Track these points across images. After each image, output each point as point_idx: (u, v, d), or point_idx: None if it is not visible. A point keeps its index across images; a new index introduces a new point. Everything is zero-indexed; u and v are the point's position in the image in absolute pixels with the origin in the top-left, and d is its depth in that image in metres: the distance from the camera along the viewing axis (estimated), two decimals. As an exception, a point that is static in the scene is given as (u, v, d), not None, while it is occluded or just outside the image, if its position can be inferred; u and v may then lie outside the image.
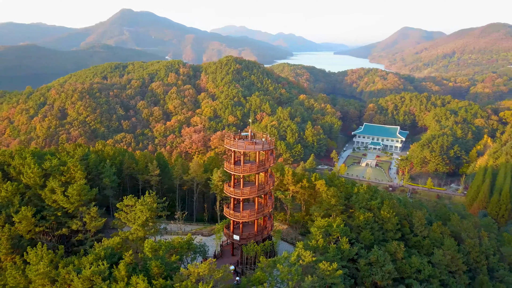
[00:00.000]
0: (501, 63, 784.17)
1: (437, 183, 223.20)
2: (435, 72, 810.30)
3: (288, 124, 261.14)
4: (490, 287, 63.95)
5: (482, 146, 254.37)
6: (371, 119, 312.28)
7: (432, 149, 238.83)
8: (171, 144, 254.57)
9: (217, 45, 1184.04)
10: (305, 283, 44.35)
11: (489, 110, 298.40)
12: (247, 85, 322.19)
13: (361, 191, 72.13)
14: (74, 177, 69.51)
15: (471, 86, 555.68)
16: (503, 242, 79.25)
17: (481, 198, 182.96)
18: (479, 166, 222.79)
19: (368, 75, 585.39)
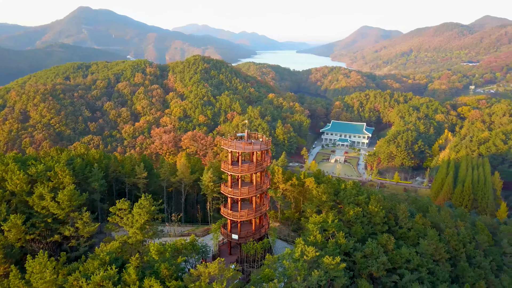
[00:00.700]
0: (454, 60, 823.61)
1: (403, 177, 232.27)
2: (395, 70, 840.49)
3: (259, 123, 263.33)
4: (470, 272, 68.50)
5: (444, 140, 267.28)
6: (338, 116, 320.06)
7: (398, 144, 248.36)
8: (141, 146, 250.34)
9: (180, 44, 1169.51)
10: (312, 277, 46.12)
11: (448, 106, 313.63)
12: (216, 84, 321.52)
13: (348, 187, 74.97)
14: (62, 182, 67.91)
15: (429, 83, 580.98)
16: (477, 230, 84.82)
17: (445, 189, 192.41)
18: (442, 159, 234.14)
19: (331, 73, 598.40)
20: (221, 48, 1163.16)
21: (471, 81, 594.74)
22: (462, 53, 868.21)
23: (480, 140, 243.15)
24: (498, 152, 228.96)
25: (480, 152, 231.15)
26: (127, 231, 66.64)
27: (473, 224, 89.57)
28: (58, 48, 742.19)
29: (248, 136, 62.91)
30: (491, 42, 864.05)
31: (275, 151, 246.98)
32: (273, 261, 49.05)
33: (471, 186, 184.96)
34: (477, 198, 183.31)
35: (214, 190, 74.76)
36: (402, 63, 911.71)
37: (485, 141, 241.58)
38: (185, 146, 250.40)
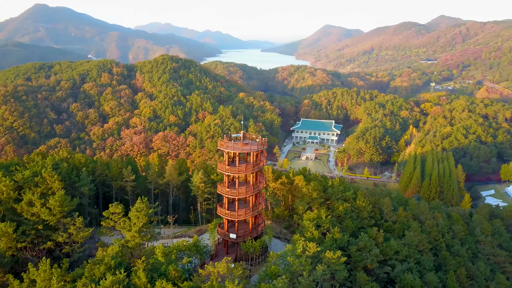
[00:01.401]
0: (413, 58, 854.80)
1: (372, 172, 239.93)
2: (358, 68, 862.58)
3: (231, 122, 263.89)
4: (451, 260, 72.84)
5: (409, 136, 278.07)
6: (307, 114, 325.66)
7: (366, 140, 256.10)
8: (111, 148, 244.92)
9: (144, 43, 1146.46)
10: (317, 271, 47.97)
11: (412, 102, 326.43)
12: (185, 84, 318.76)
13: (336, 184, 77.58)
14: (51, 187, 66.36)
15: (391, 81, 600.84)
16: (453, 221, 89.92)
17: (414, 183, 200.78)
18: (408, 154, 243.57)
19: (298, 72, 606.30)
20: (185, 47, 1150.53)
21: (430, 78, 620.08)
22: (421, 51, 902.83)
23: (443, 135, 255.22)
24: (460, 146, 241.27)
25: (444, 147, 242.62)
26: (120, 236, 66.27)
27: (448, 215, 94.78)
28: (13, 47, 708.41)
29: (243, 137, 63.89)
30: (447, 41, 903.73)
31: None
32: (277, 258, 50.47)
33: (438, 179, 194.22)
34: (443, 191, 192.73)
35: (205, 191, 75.16)
36: (365, 61, 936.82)
37: (447, 136, 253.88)
38: (156, 147, 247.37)
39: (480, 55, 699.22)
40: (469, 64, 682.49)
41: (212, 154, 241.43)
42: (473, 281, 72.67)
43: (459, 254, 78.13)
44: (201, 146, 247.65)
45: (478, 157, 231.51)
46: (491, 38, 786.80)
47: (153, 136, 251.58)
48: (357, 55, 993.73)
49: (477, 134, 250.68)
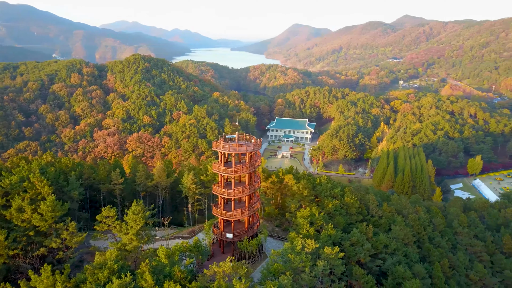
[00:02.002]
0: (381, 57, 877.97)
1: (347, 169, 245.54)
2: (327, 66, 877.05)
3: (207, 122, 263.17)
4: (435, 252, 76.50)
5: (380, 133, 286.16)
6: (281, 113, 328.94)
7: (340, 138, 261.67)
8: (84, 150, 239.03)
9: (111, 42, 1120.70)
10: (318, 267, 49.61)
11: (382, 100, 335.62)
12: (158, 83, 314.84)
13: (323, 181, 79.70)
14: (40, 193, 64.88)
15: (360, 79, 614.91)
16: (433, 214, 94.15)
17: (388, 178, 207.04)
18: (381, 150, 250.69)
19: (269, 71, 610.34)
20: (154, 46, 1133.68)
21: (397, 77, 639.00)
22: (387, 50, 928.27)
23: (413, 131, 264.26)
24: (429, 142, 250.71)
25: (414, 143, 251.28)
26: (114, 239, 65.74)
27: (427, 209, 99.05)
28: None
29: (237, 138, 64.72)
30: (412, 40, 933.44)
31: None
32: (278, 255, 51.75)
33: (410, 174, 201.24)
34: (416, 185, 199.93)
35: (196, 192, 75.40)
36: (334, 59, 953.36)
37: (417, 132, 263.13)
38: (131, 149, 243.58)
39: (443, 54, 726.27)
40: (433, 63, 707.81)
41: (189, 155, 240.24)
42: (454, 271, 76.56)
43: (440, 245, 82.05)
44: (177, 146, 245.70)
45: (446, 152, 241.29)
46: (453, 37, 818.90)
47: (127, 137, 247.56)
48: (326, 54, 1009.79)
49: (445, 130, 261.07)
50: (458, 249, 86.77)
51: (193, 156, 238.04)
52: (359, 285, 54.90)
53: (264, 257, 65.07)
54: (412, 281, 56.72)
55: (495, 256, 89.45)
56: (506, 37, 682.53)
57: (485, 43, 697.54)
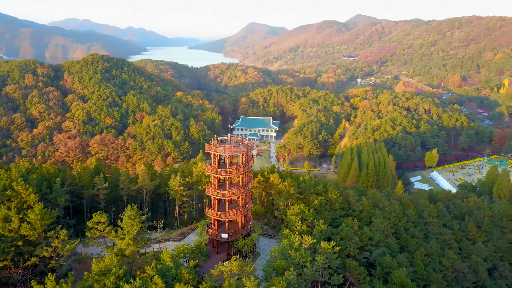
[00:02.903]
0: (336, 55, 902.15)
1: (312, 165, 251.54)
2: (285, 65, 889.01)
3: (171, 122, 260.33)
4: (412, 242, 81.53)
5: (342, 129, 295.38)
6: (245, 112, 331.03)
7: (304, 135, 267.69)
8: (43, 154, 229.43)
9: (61, 40, 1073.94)
10: (318, 262, 52.01)
11: (342, 97, 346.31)
12: (119, 84, 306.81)
13: (307, 179, 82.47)
14: (26, 201, 62.84)
15: (318, 77, 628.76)
16: (405, 206, 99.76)
17: (352, 173, 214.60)
18: (344, 146, 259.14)
19: (229, 69, 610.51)
20: (108, 45, 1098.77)
21: (353, 74, 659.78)
22: (342, 48, 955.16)
23: (373, 127, 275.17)
24: (389, 137, 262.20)
25: (375, 138, 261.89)
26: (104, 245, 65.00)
27: (400, 201, 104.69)
28: None
29: (229, 139, 65.79)
30: (365, 38, 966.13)
31: (191, 150, 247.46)
32: (278, 253, 53.65)
33: (374, 169, 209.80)
34: (379, 179, 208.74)
35: (183, 194, 75.58)
36: (291, 58, 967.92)
37: (377, 128, 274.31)
38: (94, 151, 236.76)
39: (395, 52, 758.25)
40: (387, 60, 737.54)
41: (154, 156, 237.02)
42: (429, 259, 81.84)
43: (415, 235, 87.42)
44: (142, 148, 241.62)
45: (405, 147, 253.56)
46: (404, 36, 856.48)
47: (90, 140, 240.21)
48: (284, 53, 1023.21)
49: (403, 125, 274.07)
50: (430, 238, 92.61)
51: (159, 157, 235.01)
52: (353, 277, 57.94)
53: (257, 255, 66.76)
54: (400, 270, 60.56)
55: (462, 243, 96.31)
56: (452, 36, 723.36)
57: (433, 42, 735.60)
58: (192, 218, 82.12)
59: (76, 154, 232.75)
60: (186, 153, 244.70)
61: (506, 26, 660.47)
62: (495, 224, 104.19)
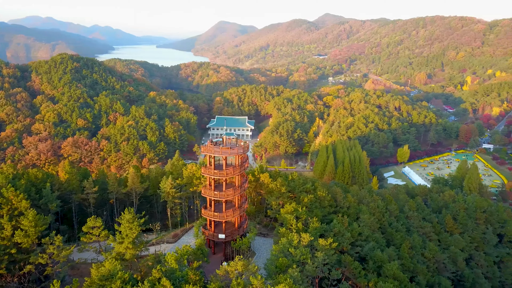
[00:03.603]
0: (306, 54, 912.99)
1: (288, 163, 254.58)
2: (256, 64, 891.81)
3: (146, 123, 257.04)
4: (397, 235, 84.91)
5: (316, 128, 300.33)
6: (220, 111, 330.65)
7: (280, 134, 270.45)
8: (12, 158, 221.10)
9: (23, 39, 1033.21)
10: (318, 258, 53.75)
11: (315, 96, 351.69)
12: (90, 84, 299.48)
13: (296, 178, 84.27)
14: (16, 208, 61.32)
15: (290, 76, 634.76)
16: (387, 202, 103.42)
17: (329, 170, 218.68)
18: (319, 144, 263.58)
19: (201, 68, 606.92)
20: (73, 44, 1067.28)
21: (324, 73, 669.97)
22: (312, 47, 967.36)
23: (346, 125, 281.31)
24: (362, 135, 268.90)
25: (349, 136, 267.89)
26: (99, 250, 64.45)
27: (382, 197, 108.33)
28: None
29: (225, 141, 66.49)
30: (334, 37, 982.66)
31: (167, 151, 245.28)
32: (279, 251, 55.01)
33: (350, 165, 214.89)
34: (355, 175, 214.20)
35: (175, 196, 75.60)
36: (262, 57, 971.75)
37: (350, 125, 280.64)
38: (66, 154, 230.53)
39: (363, 51, 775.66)
40: (355, 59, 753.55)
41: (130, 158, 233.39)
42: (413, 251, 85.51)
43: (398, 229, 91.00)
44: (117, 149, 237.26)
45: (378, 143, 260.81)
46: (371, 35, 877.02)
47: (62, 142, 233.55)
48: (254, 51, 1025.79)
49: (375, 122, 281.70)
50: (412, 231, 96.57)
51: (134, 158, 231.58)
52: (349, 271, 60.12)
53: (253, 254, 67.89)
54: (391, 263, 63.28)
55: (441, 235, 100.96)
56: (417, 35, 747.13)
57: (399, 41, 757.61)
58: (183, 220, 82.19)
59: (47, 157, 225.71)
60: (162, 153, 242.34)
61: (466, 26, 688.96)
62: (469, 216, 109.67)
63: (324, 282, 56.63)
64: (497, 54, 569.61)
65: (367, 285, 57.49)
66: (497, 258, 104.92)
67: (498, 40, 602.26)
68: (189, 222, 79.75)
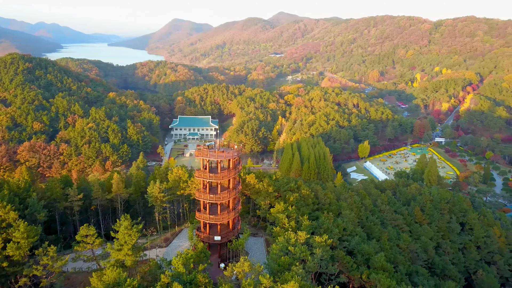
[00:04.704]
0: (263, 52, 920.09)
1: (254, 161, 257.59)
2: (213, 62, 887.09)
3: (108, 125, 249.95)
4: (375, 229, 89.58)
5: (280, 126, 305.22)
6: (182, 111, 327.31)
7: (245, 133, 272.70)
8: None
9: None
10: (317, 254, 56.31)
11: (277, 95, 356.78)
12: (45, 85, 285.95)
13: (279, 177, 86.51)
14: (4, 219, 59.00)
15: (248, 74, 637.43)
16: (362, 197, 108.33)
17: (295, 167, 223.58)
18: (283, 142, 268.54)
19: (158, 67, 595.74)
20: (18, 42, 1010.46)
21: (281, 71, 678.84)
22: (268, 45, 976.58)
23: (308, 122, 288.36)
24: (324, 132, 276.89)
25: (311, 133, 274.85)
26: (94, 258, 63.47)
27: (356, 192, 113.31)
28: None
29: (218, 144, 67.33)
30: (289, 36, 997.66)
31: (131, 153, 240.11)
32: (279, 250, 57.00)
33: (315, 162, 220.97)
34: (320, 171, 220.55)
35: (163, 200, 75.31)
36: (219, 55, 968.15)
37: (312, 123, 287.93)
38: (23, 159, 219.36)
39: (319, 49, 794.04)
40: (311, 57, 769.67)
41: (92, 161, 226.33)
42: (390, 243, 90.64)
43: (375, 223, 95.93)
44: (78, 153, 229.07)
45: (340, 140, 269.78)
46: (325, 33, 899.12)
47: (18, 147, 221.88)
48: (211, 49, 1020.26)
49: (336, 120, 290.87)
50: (386, 224, 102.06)
51: (97, 162, 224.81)
52: (342, 265, 63.20)
53: (246, 254, 69.35)
54: (378, 255, 67.19)
55: (412, 226, 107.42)
56: (368, 34, 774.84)
57: (352, 39, 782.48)
58: (172, 223, 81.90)
59: (2, 163, 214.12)
60: (125, 156, 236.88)
61: (414, 25, 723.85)
62: (435, 207, 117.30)
63: (323, 277, 59.32)
64: (443, 52, 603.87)
65: (361, 277, 60.85)
66: (460, 245, 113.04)
67: (443, 39, 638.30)
68: (177, 226, 79.73)
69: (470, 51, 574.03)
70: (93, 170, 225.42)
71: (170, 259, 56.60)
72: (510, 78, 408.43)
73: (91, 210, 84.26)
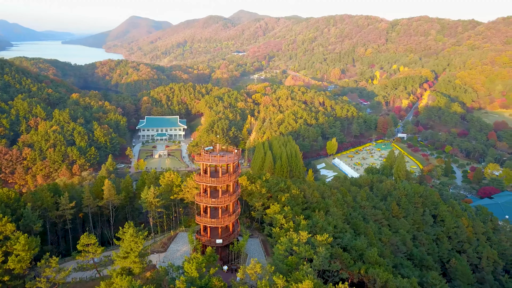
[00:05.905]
0: (225, 51, 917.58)
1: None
2: (175, 60, 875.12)
3: (73, 127, 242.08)
4: (360, 225, 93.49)
5: (249, 125, 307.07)
6: (149, 111, 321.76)
7: (216, 132, 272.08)
8: None
9: None
10: (320, 253, 58.67)
11: (244, 94, 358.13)
12: (2, 87, 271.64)
13: (269, 178, 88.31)
14: (1, 232, 57.03)
15: (212, 73, 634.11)
16: (343, 194, 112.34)
17: (268, 166, 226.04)
18: (254, 141, 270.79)
19: (119, 67, 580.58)
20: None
21: (245, 70, 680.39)
22: (230, 43, 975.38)
23: (277, 121, 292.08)
24: (293, 130, 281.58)
25: (281, 132, 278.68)
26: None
27: (336, 189, 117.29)
28: None
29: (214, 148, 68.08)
30: (251, 34, 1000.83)
31: (99, 156, 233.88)
32: (284, 250, 58.88)
33: (287, 160, 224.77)
34: (292, 169, 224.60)
35: (158, 205, 74.98)
36: (180, 53, 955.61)
37: (281, 122, 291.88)
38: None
39: (280, 47, 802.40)
40: (274, 56, 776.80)
41: (58, 165, 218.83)
42: (374, 237, 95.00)
43: (358, 219, 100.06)
44: (42, 157, 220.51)
45: (308, 137, 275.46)
46: (286, 32, 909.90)
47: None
48: (172, 48, 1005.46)
49: (304, 118, 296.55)
50: (367, 219, 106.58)
51: (63, 166, 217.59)
52: (340, 262, 65.95)
53: (245, 255, 70.66)
54: (372, 250, 70.64)
55: (390, 220, 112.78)
56: (328, 33, 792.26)
57: (313, 38, 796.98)
58: (157, 229, 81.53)
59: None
60: (93, 159, 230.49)
61: (372, 24, 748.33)
62: (409, 201, 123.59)
63: (326, 274, 61.79)
64: (399, 50, 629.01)
65: (359, 273, 63.90)
66: (434, 236, 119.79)
67: (399, 38, 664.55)
68: (172, 230, 79.55)
69: (425, 49, 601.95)
70: (59, 175, 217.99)
71: (173, 263, 57.18)
72: (462, 76, 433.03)
73: (79, 217, 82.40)
